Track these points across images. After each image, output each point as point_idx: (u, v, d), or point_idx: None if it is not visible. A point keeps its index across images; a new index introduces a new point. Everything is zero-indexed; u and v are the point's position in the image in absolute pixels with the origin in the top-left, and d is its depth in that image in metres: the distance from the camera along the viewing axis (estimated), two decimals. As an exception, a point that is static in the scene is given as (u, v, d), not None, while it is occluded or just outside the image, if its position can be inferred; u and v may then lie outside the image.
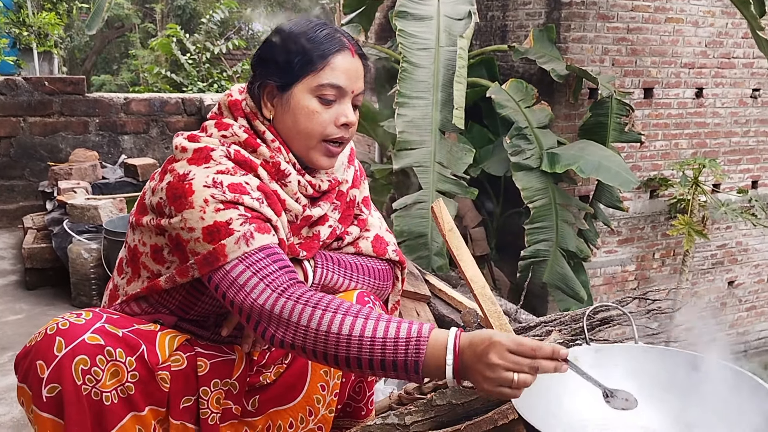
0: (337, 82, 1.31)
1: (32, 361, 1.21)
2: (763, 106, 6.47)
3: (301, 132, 1.33)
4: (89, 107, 3.94)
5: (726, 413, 0.92)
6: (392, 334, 1.11)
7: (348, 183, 1.49)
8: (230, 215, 1.24)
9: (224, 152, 1.31)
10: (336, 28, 1.35)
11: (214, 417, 1.35)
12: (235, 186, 1.26)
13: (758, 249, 6.97)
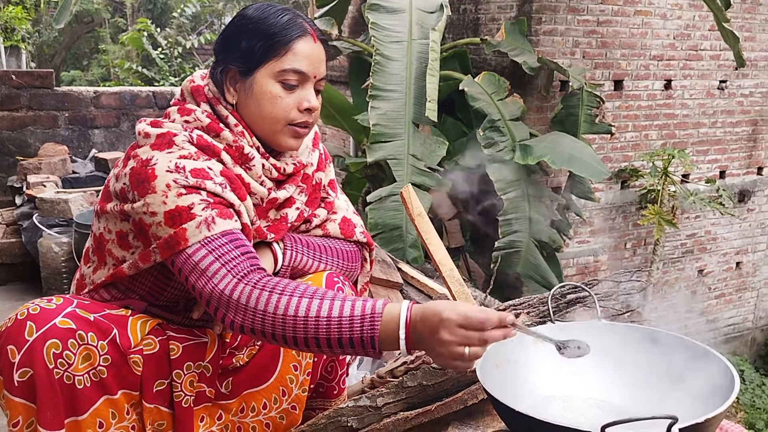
0: (300, 68, 1.32)
1: (2, 346, 1.21)
2: (729, 97, 6.59)
3: (265, 117, 1.34)
4: (58, 101, 3.89)
5: (679, 379, 0.96)
6: (347, 313, 1.13)
7: (313, 166, 1.50)
8: (192, 200, 1.25)
9: (187, 137, 1.32)
10: (297, 13, 1.36)
11: (188, 400, 1.36)
12: (198, 171, 1.27)
13: (726, 237, 7.10)
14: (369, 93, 4.22)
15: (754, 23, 6.47)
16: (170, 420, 1.37)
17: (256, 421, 1.43)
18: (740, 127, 6.78)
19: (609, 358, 1.05)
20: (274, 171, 1.39)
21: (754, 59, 6.57)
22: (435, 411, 1.29)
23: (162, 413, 1.36)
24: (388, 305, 1.14)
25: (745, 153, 6.93)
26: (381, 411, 1.32)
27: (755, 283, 7.56)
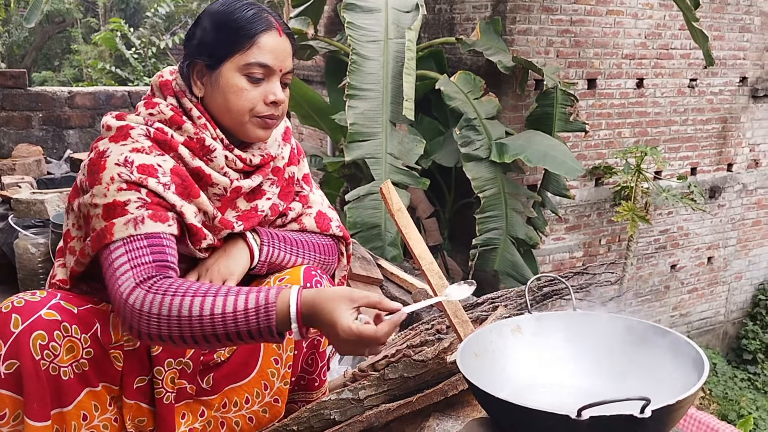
0: (265, 61, 1.33)
1: None
2: (699, 95, 6.71)
3: (231, 109, 1.35)
4: (32, 101, 3.85)
5: (653, 365, 0.99)
6: (242, 306, 1.16)
7: (284, 160, 1.51)
8: (129, 197, 1.25)
9: (144, 131, 1.33)
10: (263, 8, 1.37)
11: (169, 396, 1.37)
12: (145, 167, 1.27)
13: (698, 233, 7.23)
14: (346, 92, 4.23)
15: (722, 22, 6.59)
16: (151, 416, 1.38)
17: (239, 416, 1.44)
18: (710, 124, 6.90)
19: (585, 346, 1.08)
20: (239, 162, 1.39)
21: (722, 58, 6.70)
22: (416, 402, 1.31)
23: (142, 410, 1.37)
24: (281, 293, 1.16)
25: (716, 150, 7.06)
26: (363, 403, 1.34)
27: (726, 277, 7.70)
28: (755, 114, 7.27)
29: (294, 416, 1.38)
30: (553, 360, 1.09)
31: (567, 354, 1.08)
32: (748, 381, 7.52)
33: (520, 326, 1.13)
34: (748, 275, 7.91)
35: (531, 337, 1.12)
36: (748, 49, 6.92)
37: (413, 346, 1.44)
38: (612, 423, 0.83)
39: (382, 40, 4.44)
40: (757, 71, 7.09)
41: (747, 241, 7.77)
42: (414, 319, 1.99)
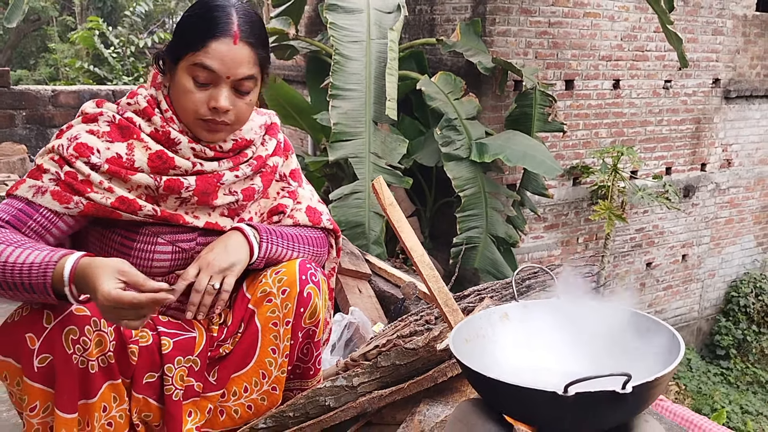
0: (210, 65, 1.34)
1: (20, 334, 1.26)
2: (674, 96, 6.84)
3: (180, 108, 1.39)
4: (15, 100, 3.84)
5: (633, 347, 1.06)
6: (29, 260, 1.21)
7: (267, 150, 1.54)
8: (50, 167, 1.34)
9: (110, 117, 1.40)
10: (230, 12, 1.37)
11: (178, 393, 1.41)
12: (83, 146, 1.34)
13: (673, 231, 7.37)
14: (329, 92, 4.27)
15: (696, 25, 6.73)
16: (158, 413, 1.41)
17: (239, 404, 1.48)
18: (684, 125, 7.04)
19: (569, 332, 1.14)
20: (209, 151, 1.43)
21: (696, 60, 6.84)
22: (407, 389, 1.37)
23: (150, 405, 1.40)
24: (64, 257, 1.22)
25: (690, 150, 7.21)
26: (356, 390, 1.40)
27: (700, 274, 7.85)
28: (728, 115, 7.42)
29: (290, 403, 1.43)
30: (539, 345, 1.15)
31: (552, 339, 1.15)
32: (721, 376, 7.68)
33: (508, 313, 1.20)
34: (721, 272, 8.07)
35: (518, 323, 1.18)
36: (721, 52, 7.07)
37: (403, 337, 1.50)
38: (596, 398, 0.89)
39: (365, 41, 4.49)
40: (730, 73, 7.25)
41: (720, 239, 7.93)
42: (403, 312, 2.05)
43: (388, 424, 1.43)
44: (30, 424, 1.29)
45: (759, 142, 7.88)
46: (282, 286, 1.45)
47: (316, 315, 1.48)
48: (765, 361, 7.92)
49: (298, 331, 1.46)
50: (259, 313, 1.46)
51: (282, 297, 1.44)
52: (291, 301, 1.44)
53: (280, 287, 1.45)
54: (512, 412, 0.97)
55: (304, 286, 1.45)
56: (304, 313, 1.47)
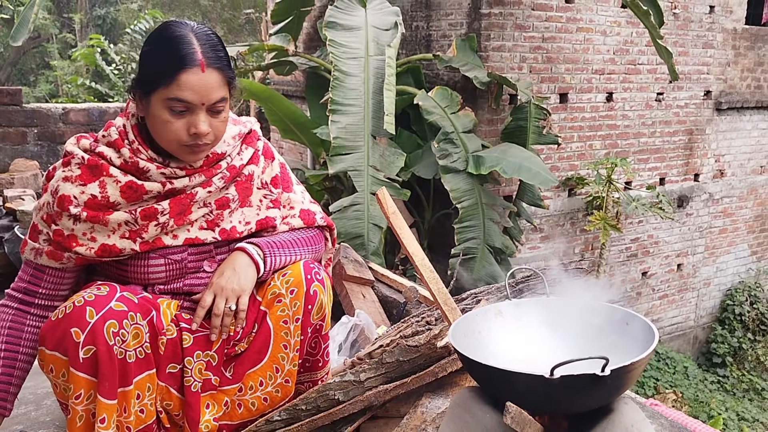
0: (184, 97, 1.41)
1: (66, 329, 1.38)
2: (666, 108, 6.97)
3: (160, 137, 1.47)
4: (27, 118, 3.96)
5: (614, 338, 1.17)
6: None
7: (242, 160, 1.62)
8: (43, 228, 1.53)
9: (80, 159, 1.50)
10: (191, 40, 1.42)
11: (197, 385, 1.53)
12: (64, 199, 1.47)
13: (667, 241, 7.47)
14: (329, 107, 4.36)
15: (687, 39, 6.87)
16: (177, 402, 1.53)
17: (255, 397, 1.59)
18: (677, 136, 7.16)
19: (558, 327, 1.25)
20: (179, 171, 1.52)
21: (687, 72, 6.98)
22: (410, 383, 1.48)
23: (171, 395, 1.52)
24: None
25: (683, 161, 7.32)
26: (363, 384, 1.50)
27: (695, 283, 7.94)
28: (719, 126, 7.55)
29: (302, 397, 1.54)
30: (530, 338, 1.26)
31: (542, 334, 1.25)
32: (718, 383, 7.76)
33: (502, 311, 1.31)
34: (716, 281, 8.16)
35: (511, 319, 1.29)
36: (712, 64, 7.21)
37: (406, 336, 1.61)
38: (579, 380, 1.00)
39: (363, 57, 4.59)
40: (721, 85, 7.39)
41: (714, 248, 8.03)
42: (405, 314, 2.16)
43: (393, 417, 1.54)
44: (75, 411, 1.41)
45: (751, 152, 8.00)
46: (290, 287, 1.57)
47: (323, 310, 1.61)
48: (761, 368, 8.00)
49: (307, 327, 1.59)
50: (271, 313, 1.58)
51: (291, 297, 1.56)
52: (299, 300, 1.57)
53: (288, 288, 1.57)
54: (506, 396, 1.07)
55: (310, 284, 1.58)
56: (311, 310, 1.59)
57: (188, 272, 1.58)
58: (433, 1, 6.06)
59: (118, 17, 16.51)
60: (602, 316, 1.22)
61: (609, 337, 1.18)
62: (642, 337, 1.14)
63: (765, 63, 7.81)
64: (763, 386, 7.75)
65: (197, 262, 1.58)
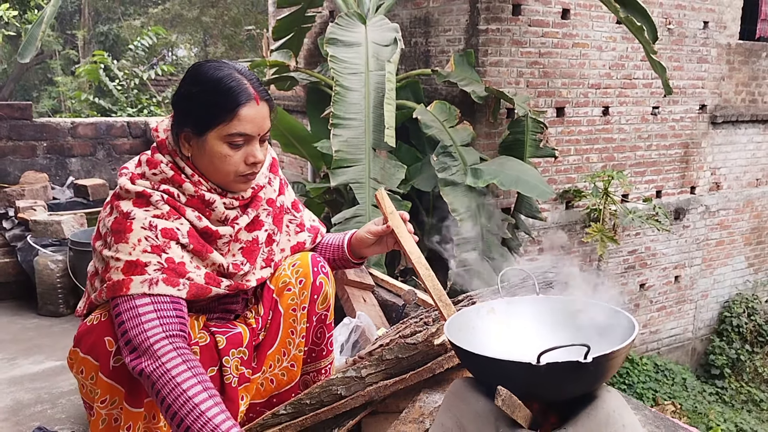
0: (245, 131, 1.49)
1: (100, 337, 1.46)
2: (662, 122, 7.06)
3: (218, 171, 1.53)
4: (37, 132, 4.06)
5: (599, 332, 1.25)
6: (217, 419, 1.32)
7: (275, 191, 1.72)
8: (151, 259, 1.45)
9: (160, 197, 1.51)
10: (242, 79, 1.50)
11: (235, 381, 1.63)
12: (168, 231, 1.47)
13: (665, 253, 7.53)
14: (330, 121, 4.45)
15: (681, 54, 6.98)
16: None
17: (264, 379, 1.72)
18: (673, 149, 7.25)
19: (545, 322, 1.34)
20: (235, 202, 1.60)
21: (682, 87, 7.08)
22: (409, 379, 1.56)
23: None
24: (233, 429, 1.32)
25: (679, 174, 7.40)
26: (365, 380, 1.58)
27: (693, 295, 8.00)
28: (715, 139, 7.64)
29: (307, 392, 1.62)
30: (520, 333, 1.34)
31: (532, 329, 1.34)
32: (716, 395, 7.80)
33: (494, 308, 1.39)
34: (713, 293, 8.22)
35: (503, 316, 1.38)
36: (706, 79, 7.31)
37: (404, 336, 1.69)
38: (563, 367, 1.08)
39: (364, 72, 4.68)
40: (716, 99, 7.49)
41: (712, 260, 8.09)
42: (404, 317, 2.24)
43: (392, 412, 1.62)
44: (99, 414, 1.49)
45: (746, 165, 8.09)
46: (299, 277, 1.70)
47: (327, 301, 1.73)
48: (759, 380, 8.04)
49: (312, 315, 1.71)
50: (281, 300, 1.70)
51: (299, 286, 1.68)
52: (306, 290, 1.69)
53: (298, 278, 1.69)
54: (496, 383, 1.15)
55: (316, 276, 1.70)
56: (317, 300, 1.72)
57: (229, 301, 1.69)
58: (432, 18, 6.17)
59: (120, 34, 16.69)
60: (588, 312, 1.31)
61: (594, 330, 1.26)
62: (624, 330, 1.22)
63: (759, 77, 7.92)
64: (761, 398, 7.79)
65: None
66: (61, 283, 2.99)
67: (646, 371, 7.36)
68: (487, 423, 1.15)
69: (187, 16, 15.58)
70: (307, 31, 6.66)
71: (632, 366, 7.33)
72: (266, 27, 11.13)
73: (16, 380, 2.36)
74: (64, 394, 2.17)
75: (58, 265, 2.98)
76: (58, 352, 2.55)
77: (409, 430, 1.46)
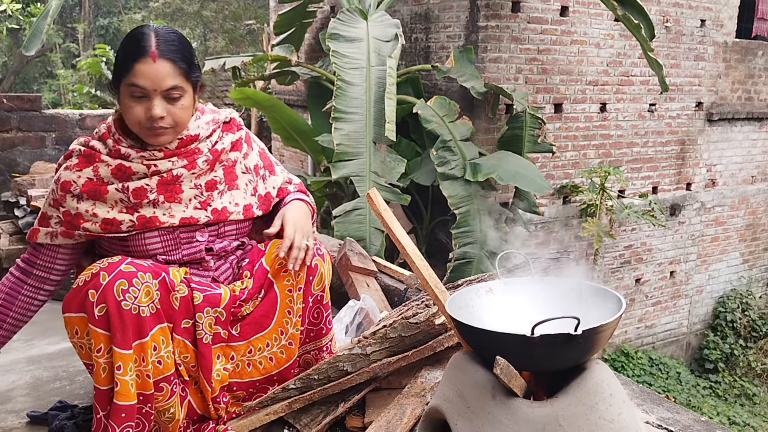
0: (138, 83, 1.62)
1: (86, 293, 1.58)
2: (659, 119, 7.15)
3: (128, 122, 1.69)
4: (46, 123, 4.15)
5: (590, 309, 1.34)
6: None
7: (224, 145, 1.84)
8: (52, 213, 1.74)
9: (78, 150, 1.73)
10: (149, 35, 1.64)
11: (207, 338, 1.71)
12: (65, 183, 1.70)
13: (660, 248, 7.62)
14: (332, 116, 4.53)
15: (678, 51, 7.06)
16: (193, 354, 1.72)
17: (263, 357, 1.79)
18: (669, 146, 7.34)
19: (540, 301, 1.42)
20: (158, 153, 1.73)
21: (679, 84, 7.17)
22: (411, 356, 1.65)
23: (187, 347, 1.71)
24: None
25: (675, 170, 7.49)
26: (369, 357, 1.67)
27: (688, 290, 8.09)
28: (711, 137, 7.73)
29: (315, 368, 1.71)
30: (516, 310, 1.43)
31: (528, 308, 1.42)
32: (710, 389, 7.90)
33: (493, 288, 1.48)
34: (708, 289, 8.32)
35: (501, 295, 1.47)
36: (703, 76, 7.40)
37: (407, 317, 1.77)
38: (555, 339, 1.17)
39: (365, 67, 4.76)
40: (712, 97, 7.58)
41: (707, 256, 8.19)
42: (406, 300, 2.33)
43: (395, 388, 1.71)
44: (98, 364, 1.59)
45: (742, 162, 8.19)
46: None
47: (322, 281, 1.82)
48: (752, 374, 8.15)
49: (308, 296, 1.80)
50: (277, 282, 1.79)
51: (295, 268, 1.75)
52: (302, 271, 1.78)
53: None
54: (494, 355, 1.24)
55: (312, 258, 1.78)
56: (312, 281, 1.81)
57: (182, 243, 1.77)
58: (432, 14, 6.25)
59: (121, 27, 16.71)
60: (581, 292, 1.40)
61: (586, 307, 1.35)
62: (613, 307, 1.31)
63: (755, 75, 8.01)
64: (754, 392, 7.89)
65: (189, 233, 1.77)
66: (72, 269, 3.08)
67: (641, 365, 7.47)
68: (485, 392, 1.24)
69: (187, 10, 15.60)
70: (309, 26, 6.73)
71: (627, 360, 7.43)
72: (266, 21, 11.18)
73: (34, 359, 2.47)
74: (80, 372, 2.26)
75: (70, 251, 3.08)
76: (72, 335, 2.64)
77: (411, 403, 1.55)
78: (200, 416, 1.77)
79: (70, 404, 1.94)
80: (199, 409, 1.75)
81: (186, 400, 1.72)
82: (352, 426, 1.70)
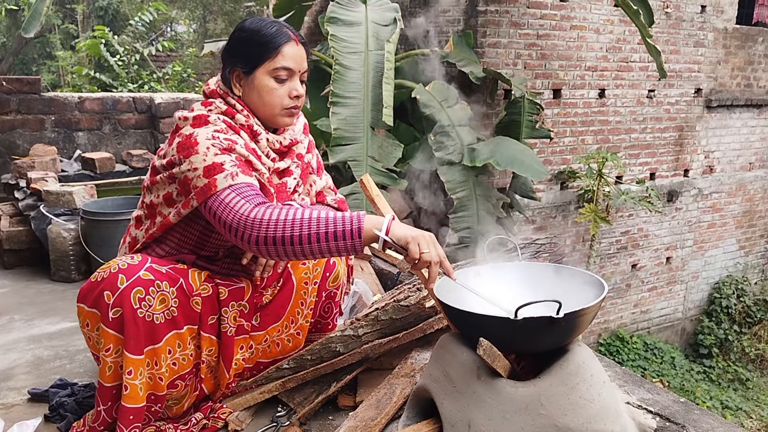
0: (287, 65, 1.70)
1: (101, 291, 1.61)
2: (657, 105, 7.15)
3: (265, 104, 1.73)
4: (45, 106, 4.17)
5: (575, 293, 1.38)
6: (339, 215, 1.50)
7: (305, 147, 1.93)
8: (224, 159, 1.62)
9: (217, 117, 1.71)
10: (282, 23, 1.73)
11: (231, 330, 1.78)
12: (229, 139, 1.67)
13: (657, 234, 7.66)
14: (330, 100, 4.54)
15: (678, 38, 7.05)
16: (217, 347, 1.78)
17: (271, 342, 1.87)
18: (668, 132, 7.35)
19: (526, 284, 1.47)
20: (276, 143, 1.80)
21: (678, 70, 7.16)
22: (402, 338, 1.69)
23: (212, 341, 1.77)
24: (365, 216, 1.50)
25: (673, 156, 7.51)
26: (361, 339, 1.72)
27: (684, 276, 8.14)
28: (709, 123, 7.74)
29: (308, 348, 1.75)
30: (503, 294, 1.47)
31: (515, 291, 1.47)
32: (704, 374, 7.97)
33: (480, 272, 1.52)
34: (704, 275, 8.37)
35: (488, 279, 1.51)
36: (702, 63, 7.39)
37: (398, 300, 1.82)
38: (538, 322, 1.21)
39: (363, 52, 4.76)
40: (711, 83, 7.58)
41: (703, 242, 8.23)
42: (398, 284, 2.37)
43: (386, 369, 1.76)
44: (105, 362, 1.63)
45: (740, 149, 8.20)
46: None
47: (338, 279, 1.88)
48: (746, 359, 8.22)
49: (322, 291, 1.87)
50: (295, 272, 1.86)
51: (313, 262, 1.81)
52: (320, 266, 1.86)
53: None
54: (478, 336, 1.28)
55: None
56: (329, 277, 1.88)
57: None
58: (432, -2, 6.24)
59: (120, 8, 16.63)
60: (566, 277, 1.44)
61: (570, 292, 1.39)
62: (596, 292, 1.35)
63: (755, 62, 8.00)
64: (747, 377, 7.97)
65: None
66: (73, 250, 3.12)
67: (636, 349, 7.53)
68: (470, 372, 1.28)
69: (187, -9, 15.55)
70: (308, 9, 6.71)
71: (622, 344, 7.50)
72: (266, 4, 11.14)
73: (35, 338, 2.52)
74: (80, 351, 2.32)
75: (71, 233, 3.11)
76: (72, 315, 2.69)
77: (401, 383, 1.60)
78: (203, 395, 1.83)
79: (70, 382, 1.99)
80: (207, 391, 1.81)
81: (198, 387, 1.78)
82: (344, 405, 1.76)
